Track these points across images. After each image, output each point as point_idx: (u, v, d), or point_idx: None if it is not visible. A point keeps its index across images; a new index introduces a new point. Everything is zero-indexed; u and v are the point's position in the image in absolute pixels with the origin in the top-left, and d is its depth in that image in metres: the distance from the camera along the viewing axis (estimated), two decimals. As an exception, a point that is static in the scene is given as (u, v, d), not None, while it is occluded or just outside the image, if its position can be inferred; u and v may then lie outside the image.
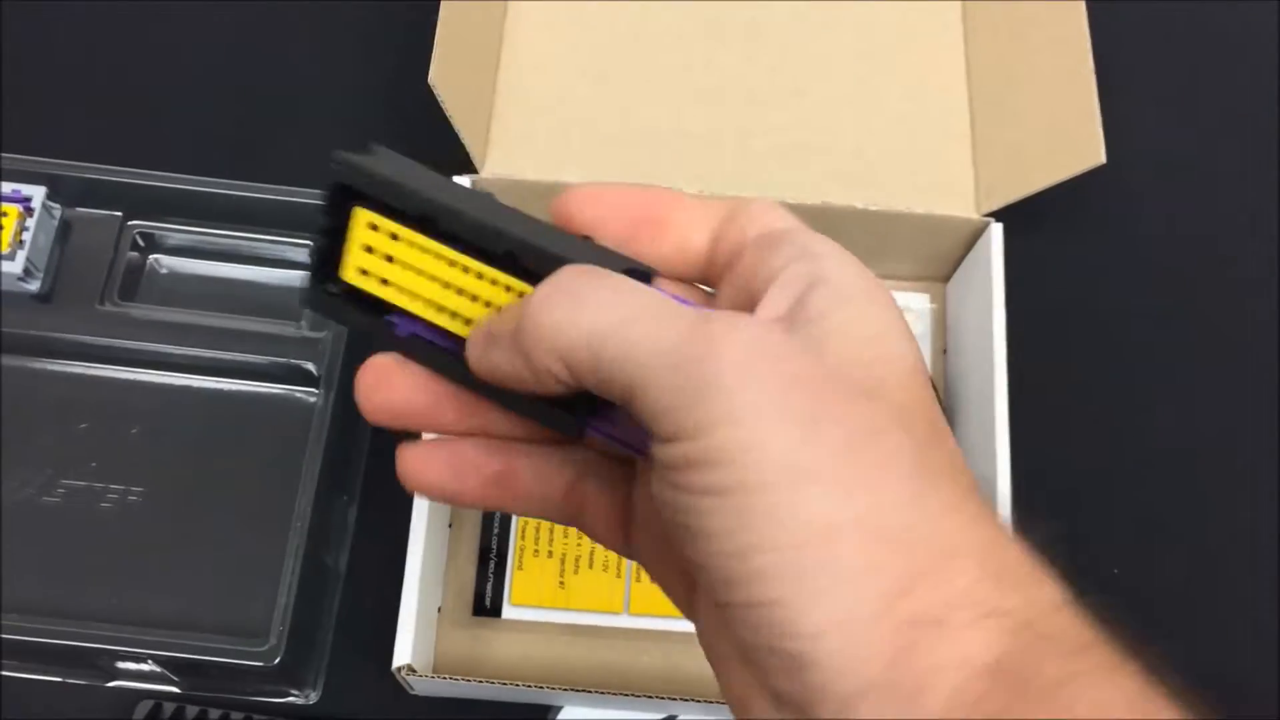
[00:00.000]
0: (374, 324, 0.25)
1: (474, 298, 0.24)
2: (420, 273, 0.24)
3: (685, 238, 0.25)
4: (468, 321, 0.24)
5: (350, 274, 0.25)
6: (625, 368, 0.21)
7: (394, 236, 0.24)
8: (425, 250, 0.24)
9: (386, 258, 0.25)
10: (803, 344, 0.21)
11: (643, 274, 0.24)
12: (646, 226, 0.25)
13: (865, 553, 0.20)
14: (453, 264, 0.24)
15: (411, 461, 0.26)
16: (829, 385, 0.21)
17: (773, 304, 0.23)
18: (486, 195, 0.25)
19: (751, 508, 0.20)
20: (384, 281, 0.25)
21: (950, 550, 0.21)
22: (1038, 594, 0.21)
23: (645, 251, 0.25)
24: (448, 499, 0.27)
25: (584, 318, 0.21)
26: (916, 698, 0.19)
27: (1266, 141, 0.64)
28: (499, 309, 0.24)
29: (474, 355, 0.24)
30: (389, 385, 0.25)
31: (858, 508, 0.20)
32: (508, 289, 0.24)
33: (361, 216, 0.24)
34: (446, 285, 0.24)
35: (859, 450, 0.20)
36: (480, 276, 0.24)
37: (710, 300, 0.25)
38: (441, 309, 0.25)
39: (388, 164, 0.25)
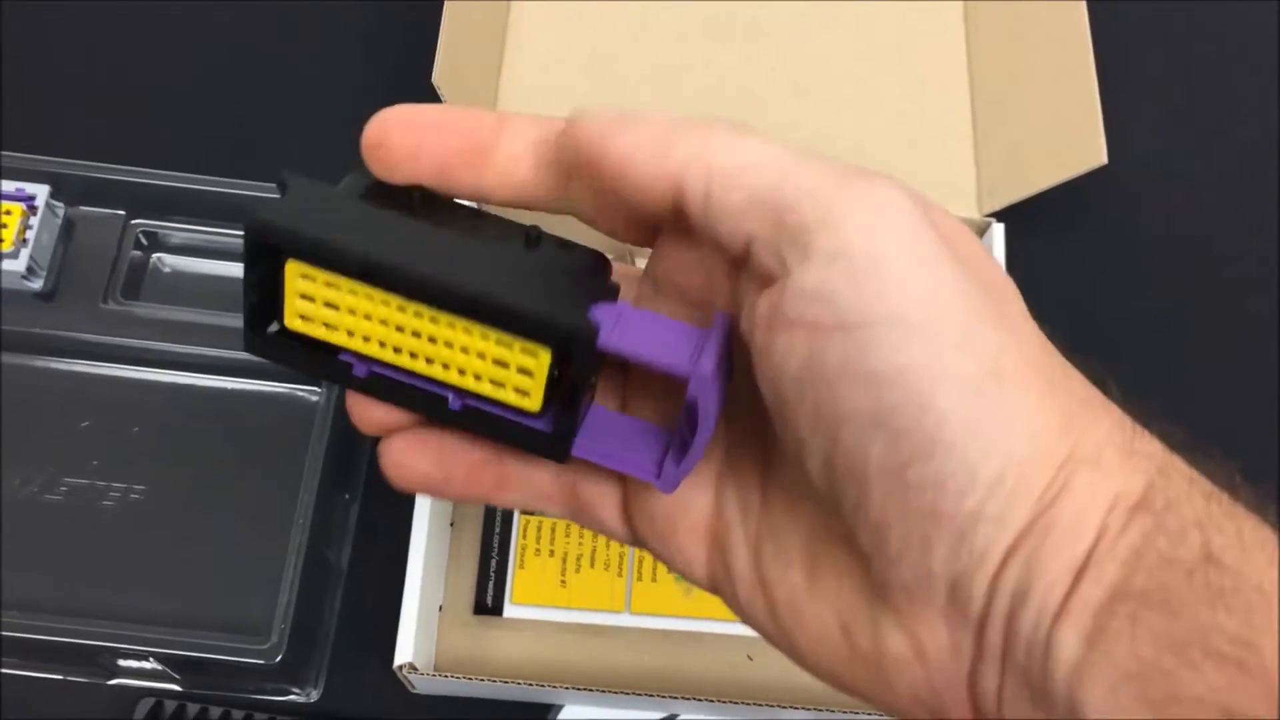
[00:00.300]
0: (329, 365, 0.24)
1: (431, 339, 0.23)
2: (367, 317, 0.23)
3: (510, 167, 0.24)
4: (429, 360, 0.23)
5: (292, 321, 0.23)
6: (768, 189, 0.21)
7: (331, 284, 0.22)
8: (370, 297, 0.22)
9: (327, 304, 0.23)
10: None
11: (610, 291, 0.24)
12: (467, 156, 0.24)
13: (1032, 389, 0.19)
14: (402, 308, 0.22)
15: (395, 455, 0.25)
16: (944, 241, 0.20)
17: None
18: (420, 223, 0.23)
19: (926, 345, 0.19)
20: (328, 325, 0.23)
21: (1088, 390, 0.21)
22: (1161, 442, 0.21)
23: (467, 185, 0.24)
24: (434, 491, 0.26)
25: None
26: (1072, 538, 0.19)
27: (1266, 141, 0.64)
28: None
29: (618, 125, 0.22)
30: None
31: (1016, 343, 0.20)
32: (466, 330, 0.22)
33: (293, 269, 0.22)
34: (399, 329, 0.23)
35: (987, 292, 0.20)
36: (435, 320, 0.22)
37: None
38: (398, 350, 0.23)
39: (306, 206, 0.22)
